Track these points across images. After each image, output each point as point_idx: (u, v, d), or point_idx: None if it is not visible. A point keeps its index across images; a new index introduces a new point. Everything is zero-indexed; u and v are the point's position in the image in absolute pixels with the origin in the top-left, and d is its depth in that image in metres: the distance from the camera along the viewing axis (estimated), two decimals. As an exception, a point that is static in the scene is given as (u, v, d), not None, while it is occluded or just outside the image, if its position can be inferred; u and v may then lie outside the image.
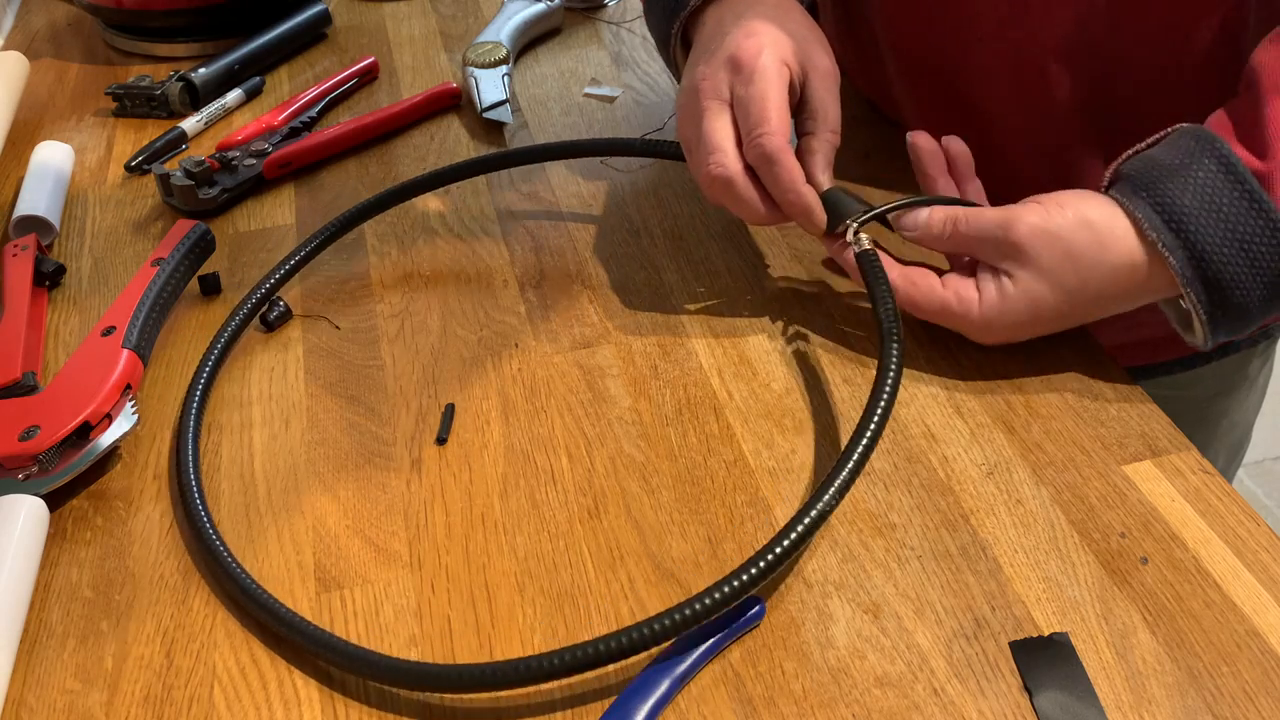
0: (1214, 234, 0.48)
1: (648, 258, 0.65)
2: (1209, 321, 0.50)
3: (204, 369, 0.56)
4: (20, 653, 0.45)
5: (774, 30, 0.56)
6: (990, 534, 0.48)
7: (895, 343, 0.50)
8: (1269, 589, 0.45)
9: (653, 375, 0.57)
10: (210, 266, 0.65)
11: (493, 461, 0.53)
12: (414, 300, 0.63)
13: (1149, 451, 0.51)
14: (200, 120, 0.81)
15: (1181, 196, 0.49)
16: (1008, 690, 0.42)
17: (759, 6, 0.58)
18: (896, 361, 0.49)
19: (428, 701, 0.43)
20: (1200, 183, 0.49)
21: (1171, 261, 0.49)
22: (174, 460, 0.53)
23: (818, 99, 0.57)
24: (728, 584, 0.42)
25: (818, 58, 0.57)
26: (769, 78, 0.54)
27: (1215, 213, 0.48)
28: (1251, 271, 0.48)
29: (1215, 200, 0.48)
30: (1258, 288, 0.49)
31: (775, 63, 0.55)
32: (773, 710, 0.42)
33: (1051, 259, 0.51)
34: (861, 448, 0.46)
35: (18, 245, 0.65)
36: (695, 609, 0.42)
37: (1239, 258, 0.48)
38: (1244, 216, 0.48)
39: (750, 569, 0.43)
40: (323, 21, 0.93)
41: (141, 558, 0.49)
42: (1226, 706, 0.41)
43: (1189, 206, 0.49)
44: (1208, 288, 0.49)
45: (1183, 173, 0.49)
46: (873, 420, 0.47)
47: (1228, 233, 0.48)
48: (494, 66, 0.82)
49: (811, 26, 0.59)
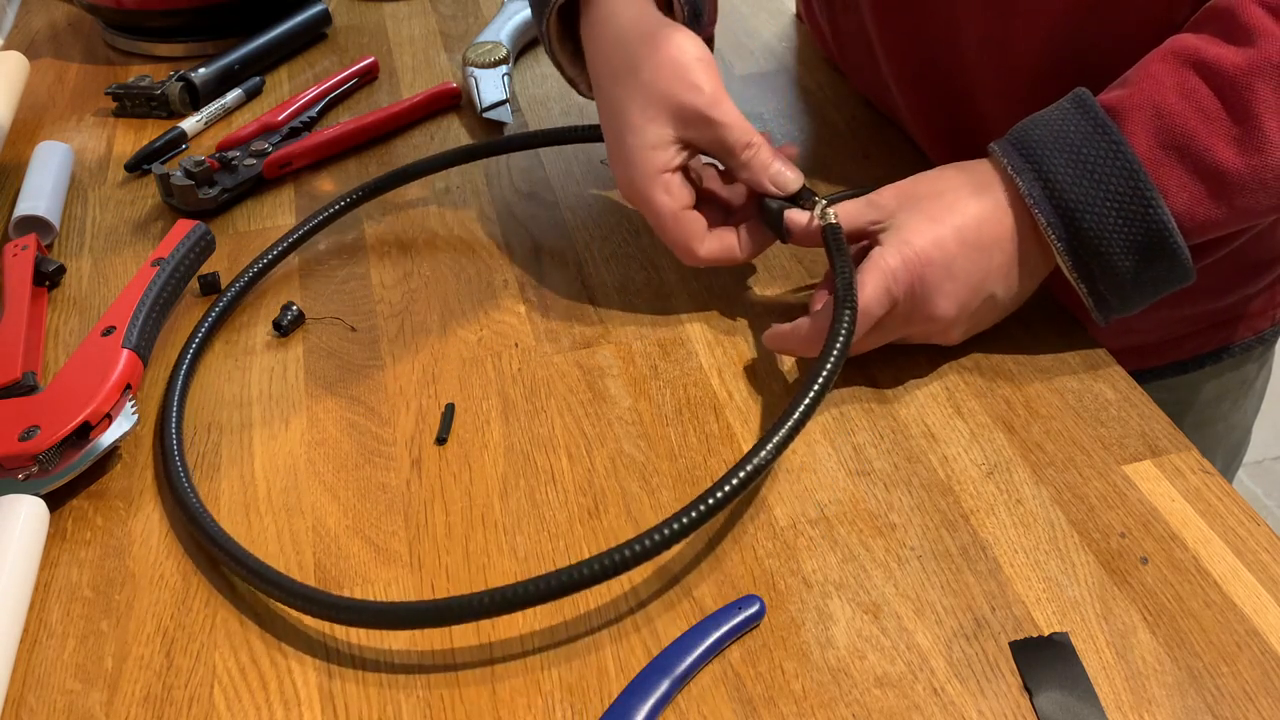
0: (1059, 159, 0.51)
1: (648, 258, 0.65)
2: (1069, 253, 0.52)
3: (199, 331, 0.59)
4: (20, 653, 0.45)
5: (632, 133, 0.56)
6: (990, 534, 0.48)
7: (848, 310, 0.50)
8: (1269, 589, 0.45)
9: (653, 375, 0.57)
10: (210, 266, 0.65)
11: (493, 461, 0.53)
12: (414, 300, 0.63)
13: (1149, 451, 0.51)
14: (200, 120, 0.81)
15: (1033, 129, 0.53)
16: (1008, 690, 0.42)
17: (615, 72, 0.57)
18: (848, 327, 0.49)
19: (428, 701, 0.43)
20: (1053, 119, 0.53)
21: (1019, 183, 0.52)
22: (157, 423, 0.54)
23: (705, 146, 0.57)
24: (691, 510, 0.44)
25: (683, 109, 0.55)
26: (662, 215, 0.56)
27: (1063, 140, 0.51)
28: (1101, 195, 0.50)
29: (1064, 131, 0.52)
30: (1112, 216, 0.50)
31: (651, 197, 0.56)
32: (773, 710, 0.42)
33: (917, 204, 0.54)
34: (807, 400, 0.47)
35: (18, 245, 0.65)
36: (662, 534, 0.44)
37: (1086, 181, 0.51)
38: (1089, 143, 0.51)
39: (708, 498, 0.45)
40: (323, 21, 0.93)
41: (141, 558, 0.49)
42: (1226, 706, 0.41)
43: (1038, 136, 0.52)
44: (1059, 213, 0.51)
45: (1043, 116, 0.53)
46: (820, 375, 0.48)
47: (1074, 158, 0.51)
48: (494, 66, 0.82)
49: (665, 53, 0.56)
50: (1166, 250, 0.51)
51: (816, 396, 0.47)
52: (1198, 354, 0.74)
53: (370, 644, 0.45)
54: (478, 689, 0.43)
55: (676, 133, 0.56)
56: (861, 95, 0.78)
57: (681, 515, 0.44)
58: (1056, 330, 0.58)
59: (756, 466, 0.45)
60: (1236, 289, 0.71)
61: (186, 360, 0.58)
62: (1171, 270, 0.52)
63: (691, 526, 0.44)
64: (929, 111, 0.70)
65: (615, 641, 0.45)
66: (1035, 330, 0.58)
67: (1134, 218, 0.50)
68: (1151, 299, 0.54)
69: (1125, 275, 0.52)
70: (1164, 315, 0.72)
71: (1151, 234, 0.50)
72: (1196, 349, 0.74)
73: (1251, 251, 0.70)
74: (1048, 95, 0.57)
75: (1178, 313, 0.71)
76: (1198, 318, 0.72)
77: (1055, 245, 0.52)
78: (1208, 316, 0.73)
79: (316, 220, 0.66)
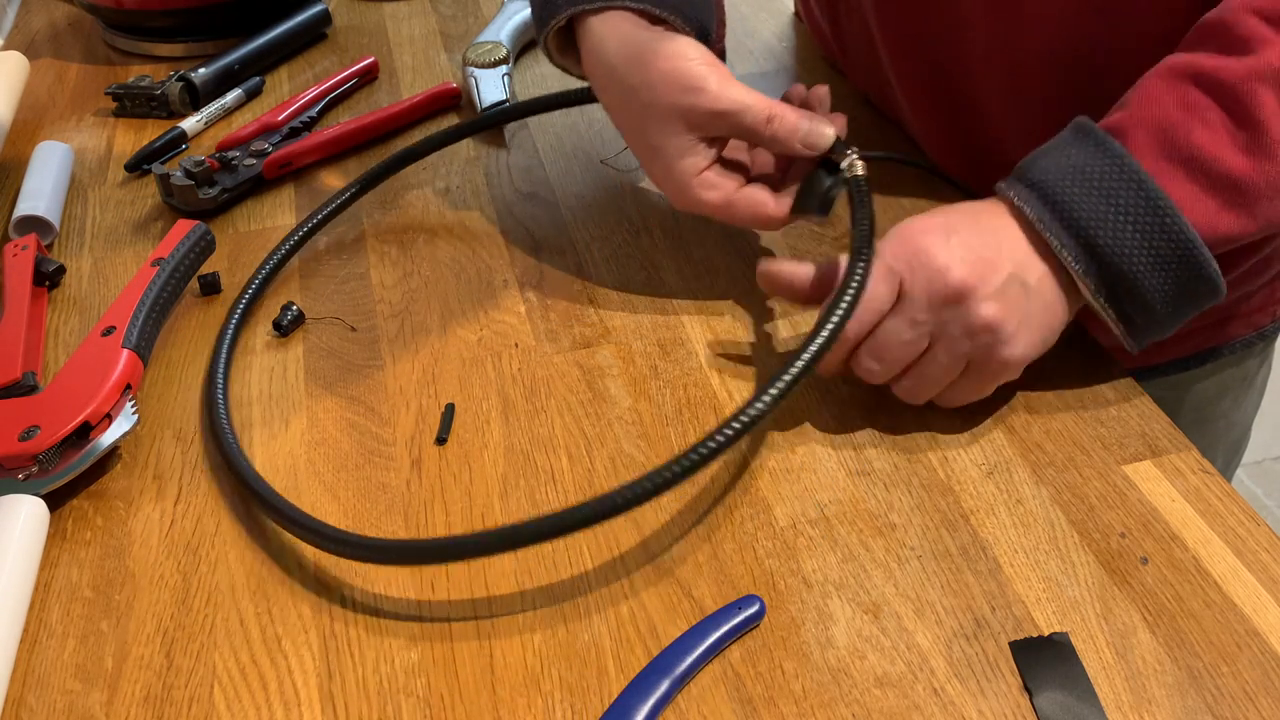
0: (1063, 179, 0.50)
1: (648, 258, 0.65)
2: (1085, 275, 0.50)
3: (228, 326, 0.60)
4: (20, 653, 0.45)
5: (661, 138, 0.56)
6: (990, 534, 0.48)
7: (863, 261, 0.50)
8: (1269, 589, 0.45)
9: (653, 375, 0.57)
10: (210, 266, 0.65)
11: (493, 461, 0.53)
12: (414, 300, 0.63)
13: (1149, 451, 0.51)
14: (200, 120, 0.81)
15: (1035, 161, 0.52)
16: (1008, 690, 0.42)
17: (618, 78, 0.57)
18: (862, 273, 0.50)
19: (428, 701, 0.43)
20: (1054, 148, 0.51)
21: (1026, 211, 0.50)
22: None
23: (728, 132, 0.56)
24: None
25: (693, 111, 0.55)
26: (717, 207, 0.57)
27: (1064, 162, 0.50)
28: (1110, 209, 0.49)
29: (1065, 154, 0.51)
30: (1130, 230, 0.49)
31: (702, 197, 0.56)
32: (773, 710, 0.42)
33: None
34: (826, 332, 0.48)
35: (18, 245, 0.65)
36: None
37: (1092, 196, 0.49)
38: (1093, 160, 0.50)
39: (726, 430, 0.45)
40: (323, 21, 0.93)
41: (141, 558, 0.49)
42: (1226, 706, 0.41)
43: (1042, 165, 0.51)
44: (1070, 231, 0.49)
45: (1047, 148, 0.52)
46: (838, 308, 0.48)
47: (1076, 175, 0.50)
48: (494, 66, 0.82)
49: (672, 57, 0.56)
50: (1192, 263, 0.49)
51: (829, 338, 0.47)
52: (1199, 350, 0.74)
53: (371, 644, 0.45)
54: (478, 689, 0.43)
55: (696, 135, 0.56)
56: (862, 94, 0.78)
57: (707, 441, 0.45)
58: (1056, 330, 0.58)
59: (773, 397, 0.46)
60: (1238, 286, 0.71)
61: (228, 336, 0.59)
62: (1199, 285, 0.50)
63: (711, 455, 0.45)
64: (933, 112, 0.70)
65: (615, 641, 0.45)
66: (1035, 330, 0.58)
67: (1152, 231, 0.48)
68: (1183, 319, 0.52)
69: (1153, 296, 0.50)
70: None
71: (1175, 245, 0.48)
72: (1198, 346, 0.74)
73: (1253, 249, 0.70)
74: (1053, 95, 0.57)
75: None
76: (1200, 314, 0.72)
77: (1073, 267, 0.50)
78: (1209, 314, 0.72)
79: (353, 190, 0.68)
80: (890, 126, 0.75)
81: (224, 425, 0.53)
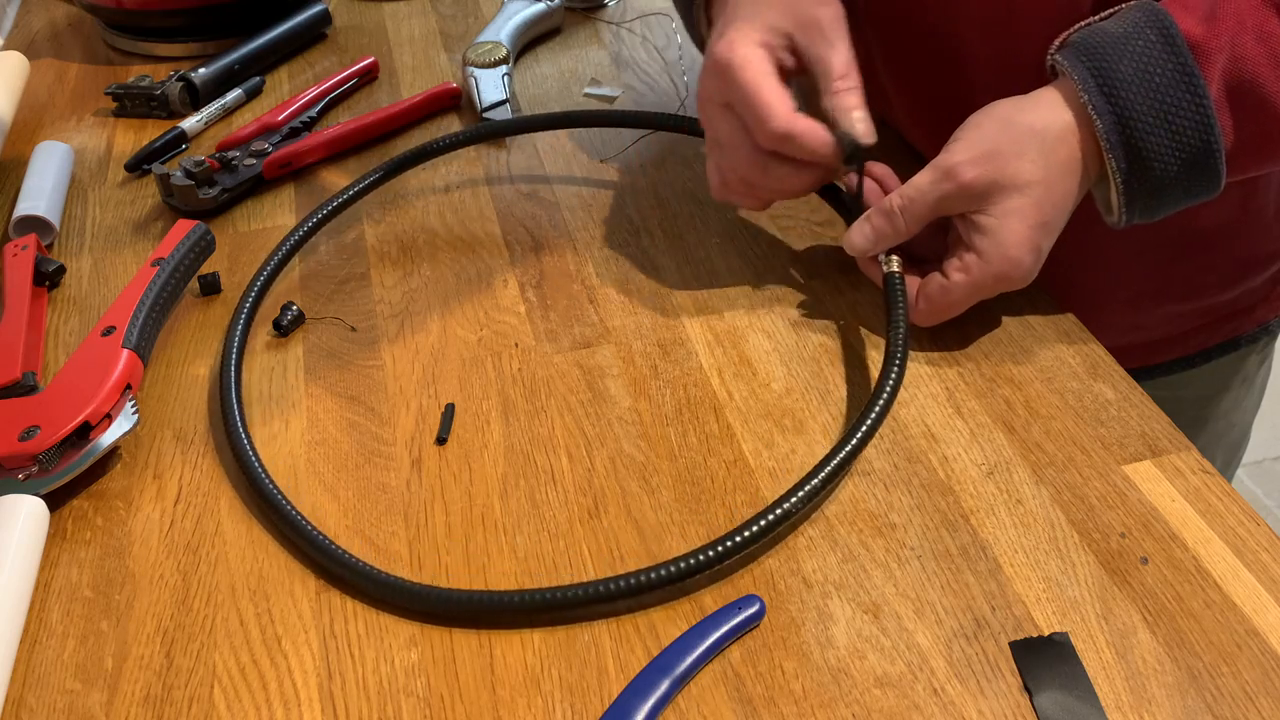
0: (1142, 102, 0.50)
1: (648, 258, 0.65)
2: (1124, 191, 0.51)
3: (236, 325, 0.60)
4: (20, 653, 0.45)
5: (747, 18, 0.56)
6: (990, 534, 0.48)
7: (896, 365, 0.52)
8: (1269, 589, 0.45)
9: (653, 375, 0.57)
10: (210, 266, 0.65)
11: (493, 461, 0.53)
12: (414, 300, 0.63)
13: (1149, 451, 0.51)
14: (200, 120, 0.81)
15: (1119, 63, 0.50)
16: (1008, 690, 0.42)
17: None
18: (894, 380, 0.51)
19: (428, 701, 0.43)
20: (1138, 51, 0.50)
21: (1099, 124, 0.50)
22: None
23: (811, 56, 0.57)
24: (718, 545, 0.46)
25: (804, 13, 0.56)
26: (747, 75, 0.55)
27: (1148, 82, 0.50)
28: (1173, 145, 0.49)
29: (1149, 70, 0.50)
30: (1175, 163, 0.50)
31: (747, 56, 0.55)
32: (773, 710, 0.42)
33: (996, 150, 0.52)
34: (854, 442, 0.49)
35: (18, 245, 0.65)
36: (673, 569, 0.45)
37: (1162, 129, 0.49)
38: (1173, 88, 0.49)
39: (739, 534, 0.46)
40: (323, 21, 0.93)
41: (141, 558, 0.49)
42: (1226, 707, 0.41)
43: (1124, 73, 0.50)
44: (1129, 154, 0.50)
45: (1125, 42, 0.51)
46: (865, 422, 0.49)
47: (1156, 103, 0.49)
48: (494, 66, 0.82)
49: None
50: (1209, 167, 0.50)
51: (873, 425, 0.50)
52: (1203, 348, 0.75)
53: (371, 644, 0.45)
54: (478, 689, 0.43)
55: (787, 28, 0.56)
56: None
57: (776, 505, 0.47)
58: (1056, 330, 0.58)
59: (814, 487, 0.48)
60: (1241, 283, 0.72)
61: (235, 340, 0.59)
62: (1206, 181, 0.51)
63: (785, 516, 0.47)
64: (930, 121, 0.70)
65: (615, 641, 0.45)
66: (1035, 330, 0.58)
67: (1190, 146, 0.50)
68: (1175, 207, 0.53)
69: (1167, 202, 0.51)
70: (1171, 311, 0.72)
71: (1199, 154, 0.50)
72: (1201, 344, 0.74)
73: (1256, 246, 0.70)
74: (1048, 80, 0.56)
75: (1184, 308, 0.71)
76: (1203, 312, 0.72)
77: (1115, 182, 0.51)
78: (1213, 311, 0.73)
79: (361, 186, 0.68)
80: (883, 129, 0.75)
81: (246, 449, 0.53)
